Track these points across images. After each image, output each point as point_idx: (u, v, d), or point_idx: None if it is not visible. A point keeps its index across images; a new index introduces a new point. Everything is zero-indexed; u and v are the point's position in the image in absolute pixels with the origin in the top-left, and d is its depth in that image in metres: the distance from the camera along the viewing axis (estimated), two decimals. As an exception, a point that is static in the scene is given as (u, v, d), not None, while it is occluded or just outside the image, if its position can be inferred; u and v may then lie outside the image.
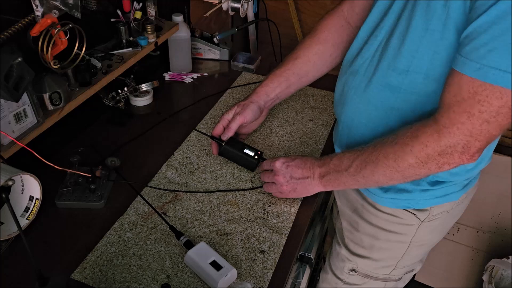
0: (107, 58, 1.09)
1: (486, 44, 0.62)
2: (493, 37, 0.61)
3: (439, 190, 0.87)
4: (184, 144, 1.09)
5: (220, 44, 1.44)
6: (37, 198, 0.81)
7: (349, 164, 0.82)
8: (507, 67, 0.61)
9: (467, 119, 0.66)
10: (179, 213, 0.90)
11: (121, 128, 1.14)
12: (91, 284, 0.75)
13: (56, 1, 0.87)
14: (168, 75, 1.36)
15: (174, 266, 0.79)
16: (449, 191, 0.88)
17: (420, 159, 0.73)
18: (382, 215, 0.93)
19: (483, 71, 0.62)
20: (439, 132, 0.69)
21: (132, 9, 1.14)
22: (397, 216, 0.92)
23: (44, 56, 0.88)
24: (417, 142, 0.72)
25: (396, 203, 0.90)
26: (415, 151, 0.72)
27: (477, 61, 0.63)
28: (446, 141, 0.69)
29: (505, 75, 0.61)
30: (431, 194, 0.87)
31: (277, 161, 0.92)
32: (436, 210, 0.91)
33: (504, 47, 0.60)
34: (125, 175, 0.97)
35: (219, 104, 1.25)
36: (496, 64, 0.61)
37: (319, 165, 0.88)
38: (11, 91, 0.76)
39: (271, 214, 0.91)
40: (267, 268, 0.80)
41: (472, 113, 0.65)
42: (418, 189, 0.86)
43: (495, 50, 0.61)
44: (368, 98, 0.83)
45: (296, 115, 1.22)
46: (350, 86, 0.87)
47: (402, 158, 0.74)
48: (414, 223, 0.92)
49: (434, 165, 0.72)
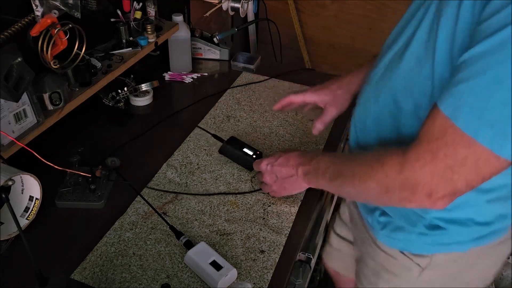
0: (107, 58, 1.08)
1: (467, 79, 0.54)
2: (478, 73, 0.53)
3: (439, 236, 0.77)
4: (184, 144, 1.09)
5: (220, 44, 1.44)
6: (37, 198, 0.80)
7: (325, 169, 0.79)
8: (481, 116, 0.53)
9: (430, 160, 0.60)
10: (179, 213, 0.90)
11: (121, 128, 1.14)
12: (91, 284, 0.75)
13: (56, 1, 0.87)
14: (168, 75, 1.36)
15: (174, 266, 0.79)
16: (452, 240, 0.78)
17: (381, 186, 0.68)
18: (381, 253, 0.87)
19: (456, 111, 0.56)
20: (402, 165, 0.63)
21: (132, 9, 1.14)
22: (394, 258, 0.85)
23: (44, 56, 0.88)
24: (381, 169, 0.67)
25: (392, 242, 0.83)
26: (378, 177, 0.68)
27: (455, 96, 0.56)
28: (406, 176, 0.63)
29: (475, 123, 0.54)
30: (431, 240, 0.78)
31: (261, 163, 0.91)
32: (441, 258, 0.80)
33: (482, 88, 0.53)
34: (125, 175, 0.97)
35: (219, 104, 1.25)
36: (470, 109, 0.54)
37: (301, 163, 0.85)
38: (11, 91, 0.76)
39: (271, 214, 0.91)
40: (267, 268, 0.80)
41: (436, 155, 0.59)
42: (416, 232, 0.78)
43: (473, 90, 0.54)
44: (377, 109, 0.78)
45: (296, 115, 1.22)
46: (363, 95, 0.83)
47: (365, 180, 0.70)
48: (414, 269, 0.83)
49: (394, 197, 0.67)
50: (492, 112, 0.53)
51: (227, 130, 1.14)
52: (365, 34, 1.99)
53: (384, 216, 0.82)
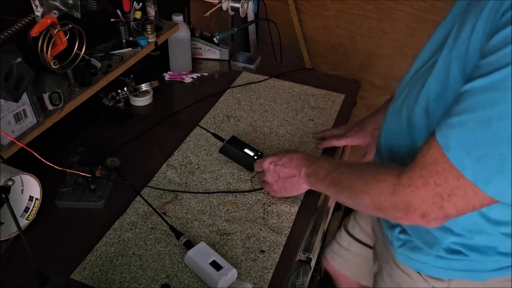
0: (107, 58, 1.08)
1: (460, 113, 0.55)
2: (467, 108, 0.55)
3: (458, 261, 0.76)
4: (184, 144, 1.09)
5: (220, 44, 1.44)
6: (37, 198, 0.80)
7: (325, 175, 0.82)
8: (469, 152, 0.55)
9: (422, 185, 0.61)
10: (179, 213, 0.90)
11: (121, 128, 1.14)
12: (91, 284, 0.75)
13: (56, 1, 0.87)
14: (168, 75, 1.36)
15: (174, 266, 0.79)
16: (472, 267, 0.76)
17: (375, 202, 0.70)
18: (398, 271, 0.86)
19: (447, 142, 0.57)
20: (395, 186, 0.65)
21: (132, 9, 1.14)
22: (411, 278, 0.83)
23: (44, 56, 0.88)
24: (375, 185, 0.69)
25: (409, 262, 0.82)
26: (372, 193, 0.70)
27: (448, 128, 0.57)
28: (399, 198, 0.65)
29: (463, 158, 0.55)
30: (448, 264, 0.77)
31: (264, 161, 0.92)
32: (457, 285, 0.79)
33: (471, 125, 0.54)
34: (125, 175, 0.97)
35: (219, 104, 1.25)
36: (460, 143, 0.55)
37: (305, 164, 0.87)
38: (11, 91, 0.76)
39: (271, 214, 0.91)
40: (267, 268, 0.80)
41: (427, 182, 0.60)
42: (433, 254, 0.77)
43: (463, 125, 0.55)
44: (400, 124, 0.77)
45: (296, 115, 1.22)
46: (388, 113, 0.83)
47: (360, 194, 0.72)
48: None
49: (388, 215, 0.69)
50: (479, 149, 0.54)
51: (227, 130, 1.14)
52: (365, 34, 1.98)
53: (404, 234, 0.81)
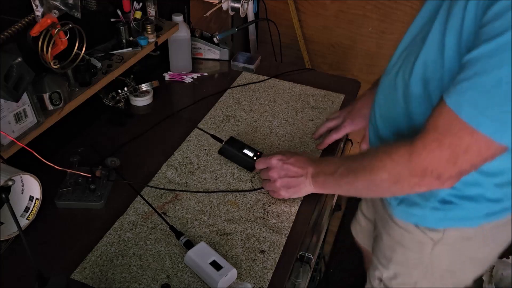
0: (107, 58, 1.08)
1: (469, 78, 0.61)
2: (478, 73, 0.60)
3: (452, 211, 0.82)
4: (184, 144, 1.09)
5: (220, 44, 1.44)
6: (37, 198, 0.81)
7: (335, 169, 0.84)
8: (483, 110, 0.60)
9: (437, 147, 0.67)
10: (179, 213, 0.90)
11: (121, 128, 1.14)
12: (91, 284, 0.75)
13: (56, 1, 0.87)
14: (168, 75, 1.36)
15: (174, 266, 0.79)
16: (464, 215, 0.83)
17: (392, 176, 0.74)
18: (397, 228, 0.92)
19: (460, 106, 0.62)
20: (411, 153, 0.70)
21: (132, 9, 1.14)
22: (409, 232, 0.90)
23: (44, 56, 0.88)
24: (390, 159, 0.74)
25: (408, 217, 0.88)
26: (388, 167, 0.74)
27: (459, 94, 0.62)
28: (415, 164, 0.70)
29: (477, 117, 0.61)
30: (443, 214, 0.83)
31: (273, 157, 0.93)
32: (452, 233, 0.86)
33: (483, 87, 0.59)
34: (125, 175, 0.97)
35: (219, 104, 1.25)
36: (472, 104, 0.61)
37: (312, 165, 0.89)
38: (11, 91, 0.76)
39: (271, 214, 0.91)
40: (267, 268, 0.80)
41: (443, 143, 0.66)
42: (429, 206, 0.83)
43: (474, 88, 0.60)
44: (392, 102, 0.83)
45: (296, 115, 1.22)
46: (381, 85, 0.88)
47: (376, 172, 0.76)
48: (426, 242, 0.88)
49: (405, 184, 0.74)
50: (493, 108, 0.60)
51: (227, 130, 1.14)
52: (365, 34, 1.99)
53: None
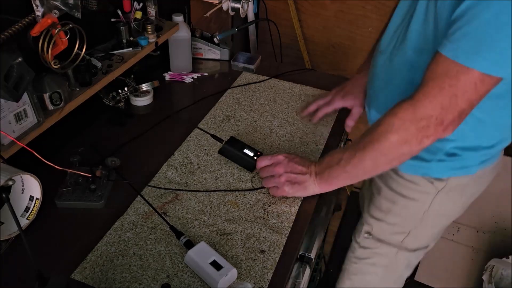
0: (107, 58, 1.09)
1: (461, 28, 0.69)
2: (467, 22, 0.68)
3: (455, 161, 0.92)
4: (184, 144, 1.09)
5: (220, 44, 1.44)
6: (37, 198, 0.81)
7: (340, 157, 0.88)
8: (476, 51, 0.68)
9: (438, 92, 0.73)
10: (179, 213, 0.90)
11: (121, 128, 1.14)
12: (91, 284, 0.75)
13: (56, 1, 0.87)
14: (168, 75, 1.36)
15: (174, 266, 0.79)
16: (465, 164, 0.92)
17: (401, 135, 0.78)
18: (402, 181, 1.00)
19: (455, 52, 0.70)
20: (414, 105, 0.76)
21: (132, 9, 1.14)
22: (415, 183, 0.98)
23: (44, 56, 0.88)
24: (396, 118, 0.78)
25: (416, 170, 0.96)
26: (396, 128, 0.78)
27: (453, 42, 0.70)
28: (420, 113, 0.75)
29: (473, 57, 0.69)
30: (448, 165, 0.92)
31: (279, 154, 0.96)
32: (454, 181, 0.95)
33: (474, 33, 0.68)
34: (125, 175, 0.97)
35: (219, 104, 1.25)
36: (466, 48, 0.69)
37: (316, 165, 0.93)
38: (11, 91, 0.76)
39: (271, 214, 0.91)
40: (267, 268, 0.80)
41: (442, 87, 0.72)
42: (436, 159, 0.92)
43: (467, 34, 0.68)
44: (391, 75, 0.90)
45: (296, 115, 1.22)
46: (377, 64, 0.95)
47: (385, 137, 0.80)
48: (431, 191, 0.97)
49: (414, 142, 0.78)
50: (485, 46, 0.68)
51: (227, 130, 1.14)
52: (365, 34, 1.99)
53: None
